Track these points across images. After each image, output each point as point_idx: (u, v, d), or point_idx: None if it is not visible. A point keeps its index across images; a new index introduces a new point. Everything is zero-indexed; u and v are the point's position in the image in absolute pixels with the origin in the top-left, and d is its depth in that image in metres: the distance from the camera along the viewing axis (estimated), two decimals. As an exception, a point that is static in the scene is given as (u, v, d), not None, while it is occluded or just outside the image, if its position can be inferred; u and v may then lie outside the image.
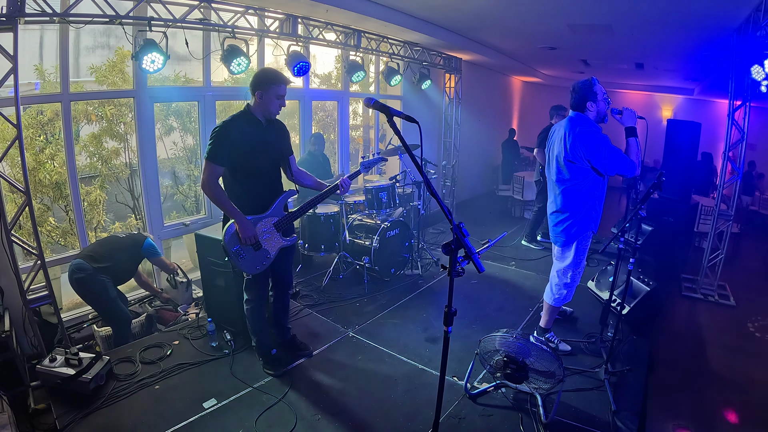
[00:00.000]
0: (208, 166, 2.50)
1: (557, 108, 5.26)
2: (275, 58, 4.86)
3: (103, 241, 3.58)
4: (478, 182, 9.38)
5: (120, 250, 3.48)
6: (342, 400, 2.69)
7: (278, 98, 2.59)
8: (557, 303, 3.13)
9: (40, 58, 5.07)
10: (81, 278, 3.21)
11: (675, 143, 5.68)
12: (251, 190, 2.65)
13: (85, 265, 3.23)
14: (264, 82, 2.55)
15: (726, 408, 3.07)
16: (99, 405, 2.52)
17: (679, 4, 3.81)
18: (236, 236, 2.58)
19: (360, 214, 4.90)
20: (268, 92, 2.55)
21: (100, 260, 3.30)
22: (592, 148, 2.66)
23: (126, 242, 3.56)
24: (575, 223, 2.87)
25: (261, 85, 2.55)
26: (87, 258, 3.27)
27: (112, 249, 3.45)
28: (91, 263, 3.25)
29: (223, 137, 2.49)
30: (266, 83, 2.55)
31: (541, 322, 3.29)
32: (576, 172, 2.77)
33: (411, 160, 1.64)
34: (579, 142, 2.68)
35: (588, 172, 2.75)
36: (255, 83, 2.57)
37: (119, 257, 3.44)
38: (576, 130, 2.72)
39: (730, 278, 4.97)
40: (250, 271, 2.67)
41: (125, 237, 3.61)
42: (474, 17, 4.96)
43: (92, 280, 3.22)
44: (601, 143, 2.65)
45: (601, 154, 2.65)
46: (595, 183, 2.79)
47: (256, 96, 2.57)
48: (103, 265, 3.29)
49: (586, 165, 2.73)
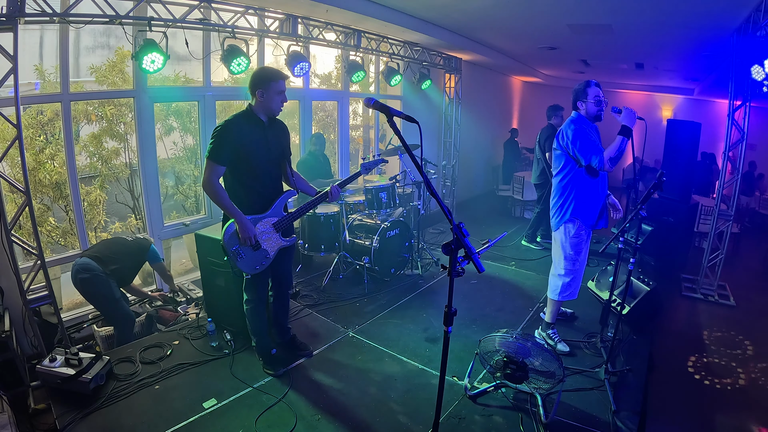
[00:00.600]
0: (209, 165, 2.50)
1: (554, 108, 5.27)
2: (275, 58, 4.86)
3: (109, 243, 3.57)
4: (478, 182, 9.38)
5: (127, 255, 3.48)
6: (342, 400, 2.69)
7: (279, 94, 2.58)
8: (556, 296, 3.21)
9: (40, 58, 5.08)
10: (87, 278, 3.19)
11: (675, 143, 5.67)
12: (251, 189, 2.65)
13: (92, 265, 3.22)
14: (263, 80, 2.55)
15: (726, 408, 3.07)
16: (99, 405, 2.52)
17: (679, 4, 3.81)
18: (236, 236, 2.58)
19: (360, 214, 4.90)
20: (268, 90, 2.55)
21: (108, 261, 3.30)
22: (569, 138, 2.94)
23: (132, 246, 3.56)
24: (563, 205, 3.08)
25: (261, 83, 2.55)
26: (94, 258, 3.26)
27: (118, 252, 3.44)
28: (98, 264, 3.24)
29: (225, 136, 2.49)
30: (266, 81, 2.54)
31: (546, 316, 3.37)
32: (561, 161, 3.07)
33: (411, 160, 1.64)
34: (564, 134, 3.00)
35: (571, 161, 3.01)
36: (254, 83, 2.56)
37: (125, 260, 3.45)
38: (566, 125, 3.03)
39: (730, 278, 4.97)
40: (249, 271, 2.66)
41: (132, 241, 3.61)
42: (474, 17, 4.96)
43: (99, 281, 3.22)
44: (576, 135, 2.92)
45: (574, 143, 2.92)
46: (581, 173, 2.99)
47: (257, 95, 2.57)
48: (110, 267, 3.30)
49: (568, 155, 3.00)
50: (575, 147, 2.90)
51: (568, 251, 3.11)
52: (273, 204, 2.72)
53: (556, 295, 3.20)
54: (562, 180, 3.08)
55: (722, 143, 4.48)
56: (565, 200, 3.07)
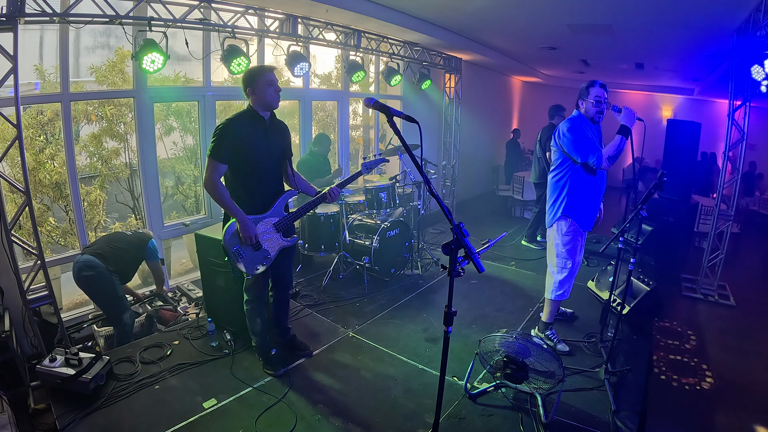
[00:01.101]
0: (211, 163, 2.51)
1: (557, 108, 5.27)
2: (275, 58, 4.86)
3: (109, 238, 3.51)
4: (478, 182, 9.37)
5: (127, 249, 3.44)
6: (342, 400, 2.69)
7: (270, 86, 2.57)
8: (553, 296, 3.21)
9: (40, 58, 5.08)
10: (90, 276, 3.18)
11: (675, 143, 5.67)
12: (253, 189, 2.65)
13: (95, 263, 3.20)
14: (251, 77, 2.58)
15: (726, 409, 3.06)
16: (99, 405, 2.52)
17: (679, 4, 3.81)
18: (236, 236, 2.58)
19: (360, 214, 4.90)
20: (257, 85, 2.56)
21: (110, 258, 3.29)
22: (566, 136, 2.95)
23: (133, 240, 3.52)
24: (555, 202, 3.10)
25: (249, 81, 2.58)
26: (96, 255, 3.24)
27: (119, 247, 3.41)
28: (102, 261, 3.23)
29: (226, 135, 2.50)
30: (253, 77, 2.57)
31: (543, 315, 3.37)
32: (556, 159, 3.09)
33: (411, 160, 1.64)
34: (560, 132, 3.01)
35: (567, 159, 3.01)
36: (244, 83, 2.61)
37: (126, 256, 3.42)
38: (563, 123, 3.04)
39: (730, 278, 4.96)
40: (250, 272, 2.66)
41: (131, 235, 3.57)
42: (474, 17, 4.96)
43: (102, 279, 3.21)
44: (573, 132, 2.93)
45: (569, 140, 2.93)
46: (577, 172, 3.00)
47: (249, 93, 2.59)
48: (113, 264, 3.28)
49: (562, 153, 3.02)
50: (571, 144, 2.92)
51: (560, 249, 3.12)
52: (274, 204, 2.72)
53: (550, 293, 3.22)
54: (556, 177, 3.11)
55: (722, 143, 4.48)
56: (557, 197, 3.09)
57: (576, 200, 3.03)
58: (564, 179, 3.05)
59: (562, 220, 3.08)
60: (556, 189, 3.11)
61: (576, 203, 3.03)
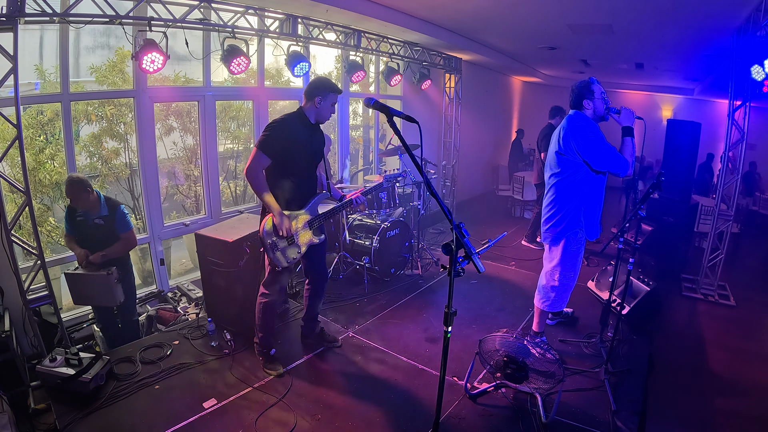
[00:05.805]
0: (257, 154, 2.62)
1: (557, 109, 5.27)
2: (275, 58, 4.87)
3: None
4: (478, 182, 9.37)
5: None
6: (342, 400, 2.70)
7: (333, 105, 2.79)
8: (546, 307, 3.12)
9: (40, 58, 5.06)
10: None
11: (675, 143, 5.67)
12: (291, 187, 2.77)
13: None
14: (325, 89, 2.73)
15: (726, 409, 3.06)
16: (99, 405, 2.52)
17: (679, 4, 3.81)
18: (273, 229, 2.68)
19: (360, 214, 4.90)
20: (326, 99, 2.73)
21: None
22: (584, 141, 2.70)
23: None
24: (564, 218, 2.87)
25: (322, 91, 2.72)
26: None
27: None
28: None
29: (279, 131, 2.64)
30: (327, 90, 2.73)
31: (533, 325, 3.29)
32: (565, 164, 2.80)
33: (411, 160, 1.64)
34: (571, 135, 2.74)
35: (579, 165, 2.76)
36: (316, 87, 2.73)
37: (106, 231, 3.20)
38: (570, 124, 2.79)
39: (730, 278, 4.96)
40: (281, 264, 2.77)
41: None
42: (474, 17, 4.96)
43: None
44: (594, 137, 2.69)
45: (592, 147, 2.69)
46: (587, 179, 2.78)
47: (315, 100, 2.73)
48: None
49: (577, 159, 2.75)
50: (594, 150, 2.65)
51: (567, 262, 2.94)
52: (309, 203, 2.85)
53: (549, 306, 3.10)
54: (563, 184, 2.82)
55: (722, 143, 4.48)
56: (569, 208, 2.82)
57: (588, 209, 2.82)
58: (574, 187, 2.79)
59: (575, 233, 2.86)
60: (563, 197, 2.83)
61: (588, 213, 2.82)
